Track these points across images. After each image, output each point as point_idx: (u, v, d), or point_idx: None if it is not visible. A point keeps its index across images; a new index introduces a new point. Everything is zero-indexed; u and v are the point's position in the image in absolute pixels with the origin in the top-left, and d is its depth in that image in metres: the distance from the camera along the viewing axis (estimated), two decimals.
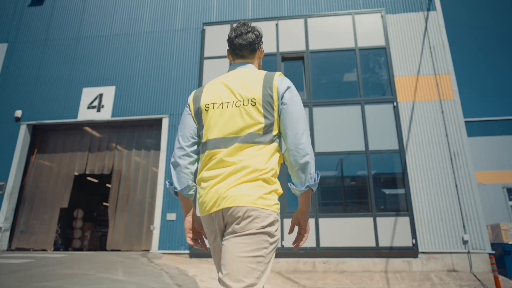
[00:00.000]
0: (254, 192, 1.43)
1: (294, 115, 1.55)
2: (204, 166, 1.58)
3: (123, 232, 8.90)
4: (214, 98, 1.62)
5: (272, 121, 1.55)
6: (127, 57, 9.93)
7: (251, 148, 1.50)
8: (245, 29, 1.75)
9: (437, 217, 7.43)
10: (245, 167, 1.46)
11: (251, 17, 9.64)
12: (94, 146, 9.72)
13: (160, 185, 8.61)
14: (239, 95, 1.58)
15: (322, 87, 8.96)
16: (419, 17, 9.02)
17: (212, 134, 1.56)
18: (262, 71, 1.69)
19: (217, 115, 1.58)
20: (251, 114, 1.54)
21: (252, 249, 1.38)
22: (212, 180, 1.49)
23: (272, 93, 1.56)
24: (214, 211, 1.45)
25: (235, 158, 1.49)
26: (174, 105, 9.22)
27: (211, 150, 1.54)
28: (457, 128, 7.97)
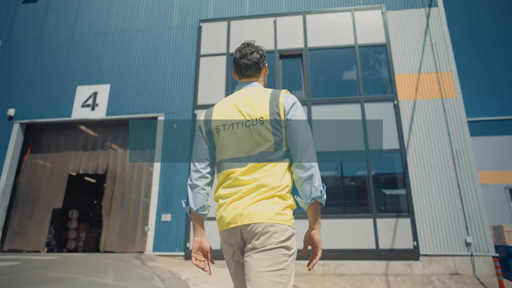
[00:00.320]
0: (271, 209, 1.51)
1: (298, 130, 1.61)
2: (220, 184, 1.67)
3: (117, 233, 8.70)
4: (224, 120, 1.70)
5: (281, 138, 1.62)
6: (122, 55, 9.73)
7: (264, 166, 1.58)
8: (249, 49, 1.85)
9: (439, 218, 7.22)
10: (262, 186, 1.54)
11: (248, 14, 9.44)
12: (89, 145, 9.53)
13: (155, 185, 8.41)
14: (248, 115, 1.65)
15: (321, 85, 8.76)
16: (420, 13, 8.81)
17: (226, 155, 1.65)
18: (268, 89, 1.76)
19: (228, 136, 1.66)
20: (260, 133, 1.61)
21: (273, 263, 1.45)
22: (229, 198, 1.58)
23: (278, 111, 1.63)
24: (232, 226, 1.53)
25: (250, 177, 1.57)
26: (169, 103, 9.02)
27: (226, 170, 1.63)
28: (459, 127, 7.76)
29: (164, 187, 8.35)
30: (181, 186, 8.23)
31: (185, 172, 8.31)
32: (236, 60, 1.88)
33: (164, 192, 8.32)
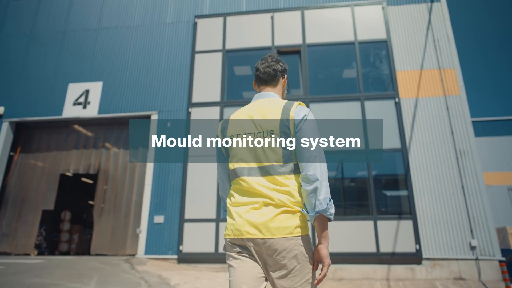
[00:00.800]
0: (290, 223, 1.55)
1: (308, 143, 1.62)
2: (234, 190, 1.71)
3: (109, 235, 8.41)
4: (237, 130, 1.74)
5: (290, 151, 1.64)
6: (116, 52, 9.46)
7: (276, 178, 1.61)
8: (271, 58, 1.89)
9: (442, 220, 6.92)
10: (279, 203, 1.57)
11: (245, 10, 9.17)
12: (80, 144, 9.24)
13: (147, 186, 8.12)
14: (260, 126, 1.69)
15: (319, 82, 8.48)
16: (422, 8, 8.54)
17: (239, 164, 1.69)
18: (283, 101, 1.76)
19: (240, 145, 1.71)
20: (271, 145, 1.64)
21: (302, 276, 1.55)
22: (245, 206, 1.62)
23: (288, 124, 1.64)
24: (248, 237, 1.57)
25: (264, 188, 1.61)
26: (163, 101, 8.74)
27: (239, 177, 1.68)
28: (463, 125, 7.47)
29: (157, 187, 8.06)
30: (175, 187, 7.95)
31: (178, 171, 8.02)
32: (257, 67, 1.91)
33: (157, 192, 8.03)
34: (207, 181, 7.79)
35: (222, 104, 8.34)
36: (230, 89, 8.68)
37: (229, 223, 1.65)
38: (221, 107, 8.31)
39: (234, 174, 1.72)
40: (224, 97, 8.45)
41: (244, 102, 8.47)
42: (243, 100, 8.55)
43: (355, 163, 7.62)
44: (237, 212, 1.63)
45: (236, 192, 1.70)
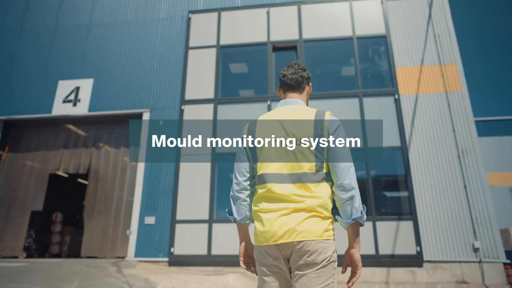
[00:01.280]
0: (320, 227, 1.58)
1: (341, 153, 1.67)
2: (262, 197, 1.70)
3: (99, 237, 8.12)
4: (268, 135, 1.74)
5: (322, 160, 1.67)
6: (107, 48, 9.19)
7: (307, 185, 1.63)
8: (297, 66, 1.93)
9: (444, 221, 6.64)
10: (309, 205, 1.60)
11: (240, 5, 8.91)
12: (70, 143, 8.96)
13: (138, 186, 7.84)
14: (292, 133, 1.70)
15: (316, 78, 8.20)
16: (422, 3, 8.28)
17: (268, 169, 1.70)
18: (312, 109, 1.79)
19: (271, 151, 1.71)
20: (304, 153, 1.66)
21: (325, 279, 1.57)
22: (275, 212, 1.62)
23: (323, 134, 1.67)
24: (282, 242, 1.58)
25: (295, 195, 1.62)
26: (155, 98, 8.47)
27: (268, 183, 1.67)
28: (465, 123, 7.20)
29: (148, 187, 7.78)
30: (166, 187, 7.67)
31: (170, 171, 7.74)
32: (283, 73, 1.93)
33: (148, 192, 7.75)
34: (200, 181, 7.52)
35: (216, 101, 8.08)
36: (225, 87, 8.41)
37: (260, 230, 1.65)
38: (215, 104, 8.04)
39: (261, 179, 1.72)
40: (218, 94, 8.18)
41: (239, 100, 8.20)
42: (238, 98, 8.28)
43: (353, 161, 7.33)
44: (267, 219, 1.64)
45: (264, 198, 1.70)
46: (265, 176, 1.70)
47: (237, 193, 1.81)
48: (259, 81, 8.50)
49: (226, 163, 7.70)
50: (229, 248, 6.93)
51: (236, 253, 6.85)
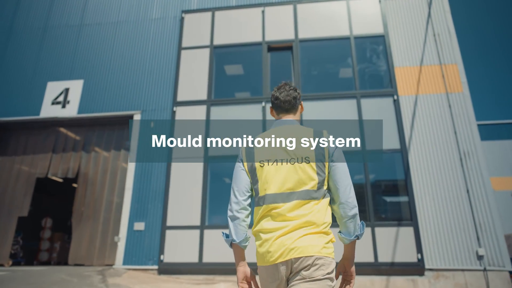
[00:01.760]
0: (318, 242, 1.61)
1: (343, 172, 1.73)
2: (263, 217, 1.71)
3: (87, 243, 7.80)
4: (268, 155, 1.75)
5: (323, 177, 1.71)
6: (98, 49, 8.94)
7: (308, 203, 1.66)
8: (288, 87, 1.94)
9: (446, 227, 6.34)
10: (309, 223, 1.63)
11: (235, 4, 8.68)
12: (59, 146, 8.67)
13: (128, 190, 7.54)
14: (292, 153, 1.73)
15: (312, 79, 7.96)
16: (421, 2, 8.05)
17: (270, 190, 1.70)
18: (309, 128, 1.82)
19: (272, 171, 1.72)
20: (306, 171, 1.68)
21: None
22: (275, 232, 1.63)
23: (324, 153, 1.72)
24: (281, 261, 1.59)
25: (295, 213, 1.64)
26: (147, 100, 8.20)
27: (269, 204, 1.68)
28: (466, 124, 6.93)
29: (138, 192, 7.48)
30: (157, 191, 7.37)
31: (161, 175, 7.45)
32: (275, 96, 1.95)
33: (138, 197, 7.45)
34: (191, 185, 7.22)
35: (209, 102, 7.81)
36: (219, 88, 8.15)
37: (260, 251, 1.66)
38: (207, 106, 7.77)
39: (263, 200, 1.71)
40: (212, 95, 7.92)
41: (233, 101, 7.93)
42: (232, 99, 8.01)
43: (351, 164, 7.05)
44: (267, 239, 1.64)
45: (265, 219, 1.69)
46: (267, 197, 1.70)
47: (237, 212, 1.76)
48: (253, 82, 8.25)
49: (219, 167, 7.41)
50: (221, 255, 6.62)
51: (228, 260, 6.54)
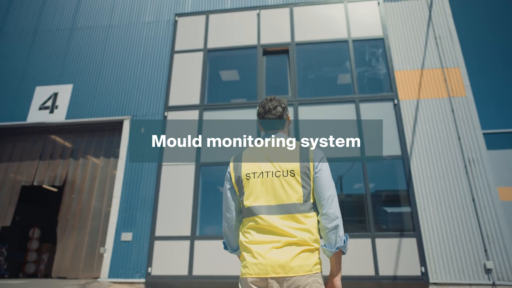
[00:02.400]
0: (310, 261, 1.62)
1: (326, 183, 1.72)
2: (251, 228, 1.72)
3: (72, 255, 7.40)
4: (254, 168, 1.78)
5: (309, 190, 1.71)
6: (89, 53, 8.68)
7: (297, 217, 1.66)
8: (272, 104, 1.93)
9: (451, 238, 5.96)
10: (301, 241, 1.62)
11: (229, 7, 8.45)
12: (46, 153, 8.34)
13: (116, 198, 7.18)
14: (278, 165, 1.74)
15: (309, 83, 7.67)
16: (421, 5, 7.81)
17: (256, 201, 1.72)
18: (296, 141, 1.86)
19: (258, 183, 1.74)
20: (291, 184, 1.70)
21: None
22: (267, 245, 1.63)
23: (308, 165, 1.73)
24: (272, 276, 1.59)
25: (285, 227, 1.64)
26: (137, 105, 7.89)
27: (256, 215, 1.69)
28: (471, 130, 6.61)
29: (126, 200, 7.12)
30: (146, 199, 7.01)
31: (151, 183, 7.10)
32: (261, 115, 1.96)
33: (126, 206, 7.08)
34: (181, 193, 6.87)
35: (202, 107, 7.50)
36: (214, 94, 7.85)
37: (250, 262, 1.64)
38: (200, 111, 7.46)
39: (249, 212, 1.72)
40: (204, 100, 7.61)
41: (226, 106, 7.62)
42: (225, 103, 7.69)
43: (350, 171, 6.71)
44: (258, 252, 1.63)
45: (253, 230, 1.70)
46: (253, 208, 1.70)
47: (229, 229, 1.87)
48: (248, 87, 7.95)
49: (211, 174, 7.07)
50: (213, 268, 6.22)
51: (220, 273, 6.16)
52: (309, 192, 1.70)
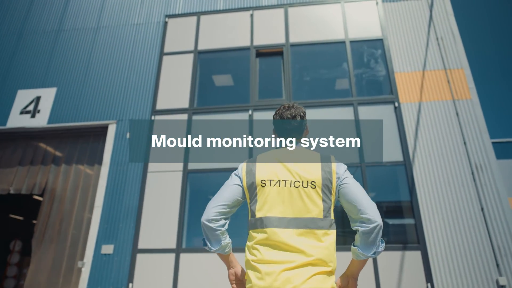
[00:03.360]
0: (326, 285, 1.47)
1: (357, 189, 1.59)
2: (260, 244, 1.54)
3: (50, 269, 6.86)
4: (270, 175, 1.61)
5: (329, 205, 1.57)
6: (75, 56, 8.30)
7: (314, 234, 1.51)
8: (290, 113, 1.76)
9: (459, 251, 5.46)
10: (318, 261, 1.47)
11: (222, 8, 8.11)
12: (26, 159, 7.86)
13: (97, 208, 6.68)
14: (298, 175, 1.58)
15: (304, 85, 7.27)
16: (421, 5, 7.48)
17: (271, 212, 1.55)
18: (315, 152, 1.71)
19: (274, 192, 1.58)
20: (311, 197, 1.55)
21: None
22: (279, 265, 1.46)
23: (331, 178, 1.59)
24: None
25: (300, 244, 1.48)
26: (123, 109, 7.47)
27: (270, 228, 1.52)
28: (477, 133, 6.17)
29: (108, 209, 6.62)
30: (130, 209, 6.51)
31: (135, 190, 6.61)
32: (278, 124, 1.80)
33: (108, 216, 6.58)
34: (167, 202, 6.38)
35: (191, 111, 7.08)
36: (206, 98, 7.44)
37: (257, 285, 1.45)
38: (189, 114, 7.03)
39: (260, 223, 1.55)
40: (194, 103, 7.20)
41: (217, 109, 7.19)
42: (216, 107, 7.27)
43: None
44: (268, 272, 1.44)
45: (262, 246, 1.52)
46: (266, 219, 1.54)
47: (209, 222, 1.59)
48: (240, 90, 7.55)
49: (200, 182, 6.60)
50: (200, 283, 5.70)
51: None
52: (329, 207, 1.57)
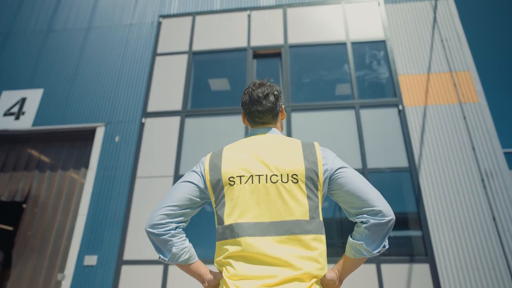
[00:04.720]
0: None
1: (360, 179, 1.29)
2: (233, 258, 1.22)
3: (27, 282, 6.37)
4: (240, 170, 1.28)
5: (316, 203, 1.26)
6: (65, 56, 7.96)
7: (301, 240, 1.19)
8: (261, 91, 1.44)
9: (470, 264, 5.04)
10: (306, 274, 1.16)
11: (219, 8, 7.82)
12: (9, 164, 7.43)
13: (81, 216, 6.24)
14: (275, 167, 1.27)
15: (304, 87, 6.93)
16: (425, 6, 7.22)
17: (243, 217, 1.23)
18: (296, 139, 1.39)
19: (246, 191, 1.25)
20: (293, 193, 1.23)
21: None
22: (257, 281, 1.15)
23: (316, 169, 1.26)
24: None
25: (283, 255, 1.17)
26: (112, 111, 7.09)
27: (244, 237, 1.21)
28: (486, 138, 5.83)
29: (93, 218, 6.18)
30: (116, 217, 6.07)
31: (122, 198, 6.19)
32: (247, 105, 1.46)
33: (93, 224, 6.13)
34: None
35: (184, 113, 6.71)
36: (198, 100, 7.08)
37: None
38: (182, 117, 6.66)
39: (231, 232, 1.22)
40: (187, 105, 6.83)
41: (211, 112, 6.82)
42: (211, 109, 6.90)
43: None
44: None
45: (236, 260, 1.20)
46: (237, 227, 1.21)
47: (152, 229, 1.31)
48: (236, 93, 7.20)
49: None
50: None
51: None
52: (316, 206, 1.25)
